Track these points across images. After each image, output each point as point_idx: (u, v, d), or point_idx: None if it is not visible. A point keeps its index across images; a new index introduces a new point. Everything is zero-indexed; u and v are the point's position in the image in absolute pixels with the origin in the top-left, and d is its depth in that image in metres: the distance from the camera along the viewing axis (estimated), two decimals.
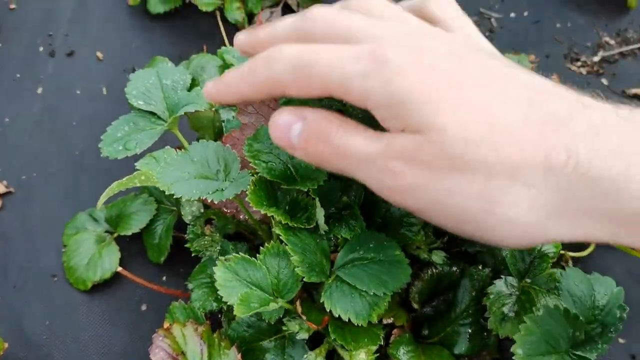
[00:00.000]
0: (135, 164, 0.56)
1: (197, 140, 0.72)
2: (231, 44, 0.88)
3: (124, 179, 0.55)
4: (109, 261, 0.66)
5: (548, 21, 0.92)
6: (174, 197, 0.57)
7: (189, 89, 0.64)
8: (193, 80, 0.65)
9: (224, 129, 0.56)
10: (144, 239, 0.67)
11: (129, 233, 0.65)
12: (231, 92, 0.37)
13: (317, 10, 0.34)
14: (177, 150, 0.72)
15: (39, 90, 0.81)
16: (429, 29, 0.35)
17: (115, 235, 0.67)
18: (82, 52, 0.85)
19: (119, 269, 0.58)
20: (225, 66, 0.67)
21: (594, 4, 0.93)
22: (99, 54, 0.85)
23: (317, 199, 0.42)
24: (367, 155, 0.30)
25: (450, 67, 0.29)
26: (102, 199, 0.54)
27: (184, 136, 0.63)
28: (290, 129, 0.33)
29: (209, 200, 0.42)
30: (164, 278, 0.68)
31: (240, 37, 0.40)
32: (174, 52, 0.86)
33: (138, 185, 0.56)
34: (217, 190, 0.43)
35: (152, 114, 0.63)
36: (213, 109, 0.58)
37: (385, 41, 0.30)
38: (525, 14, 0.93)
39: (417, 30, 0.33)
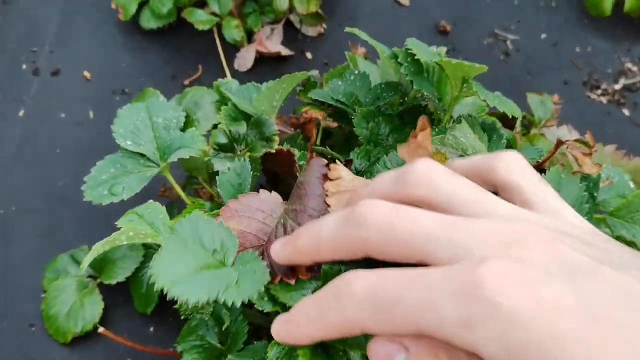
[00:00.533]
0: (116, 223, 0.51)
1: (187, 179, 0.67)
2: (229, 64, 0.82)
3: (110, 237, 0.49)
4: (91, 311, 0.61)
5: (567, 45, 0.86)
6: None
7: (183, 129, 0.58)
8: (187, 117, 0.59)
9: (218, 182, 0.51)
10: (130, 287, 0.62)
11: (114, 282, 0.60)
12: (302, 335, 0.30)
13: (366, 207, 0.27)
14: (162, 192, 0.67)
15: (21, 113, 0.75)
16: (527, 221, 0.26)
17: (99, 281, 0.62)
18: (68, 71, 0.79)
19: (101, 329, 0.53)
20: (221, 101, 0.62)
21: (616, 27, 0.87)
22: (86, 74, 0.79)
23: None
24: None
25: (579, 301, 0.22)
26: (85, 262, 0.48)
27: (174, 176, 0.58)
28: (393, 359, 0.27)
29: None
30: (152, 329, 0.62)
31: (276, 249, 0.34)
32: (167, 71, 0.80)
33: (125, 243, 0.51)
34: (227, 287, 0.36)
35: (141, 155, 0.57)
36: (206, 158, 0.53)
37: (482, 265, 0.22)
38: (543, 36, 0.87)
39: (512, 229, 0.25)
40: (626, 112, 0.82)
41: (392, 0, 0.89)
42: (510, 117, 0.48)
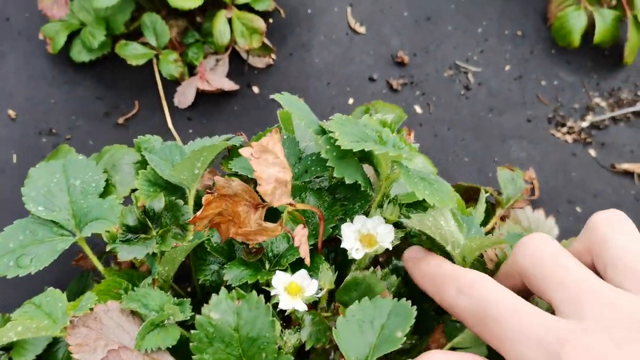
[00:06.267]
0: (12, 315, 0.45)
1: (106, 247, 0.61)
2: (168, 99, 0.76)
3: None
4: None
5: (532, 78, 0.81)
6: None
7: (102, 195, 0.53)
8: (106, 181, 0.54)
9: None
10: None
11: None
12: (417, 275, 0.39)
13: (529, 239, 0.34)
14: (76, 261, 0.61)
15: None
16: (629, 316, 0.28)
17: (10, 355, 0.57)
18: None
19: None
20: (142, 162, 0.56)
21: (586, 59, 0.82)
22: (10, 112, 0.73)
23: None
24: None
25: None
26: None
27: (93, 238, 0.53)
28: None
29: None
30: None
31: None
32: (100, 108, 0.74)
33: (15, 339, 0.46)
34: None
35: (54, 222, 0.52)
36: (109, 247, 0.47)
37: (580, 335, 0.27)
38: (507, 68, 0.81)
39: (619, 322, 0.28)
40: (592, 152, 0.77)
41: (348, 27, 0.83)
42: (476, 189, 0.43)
